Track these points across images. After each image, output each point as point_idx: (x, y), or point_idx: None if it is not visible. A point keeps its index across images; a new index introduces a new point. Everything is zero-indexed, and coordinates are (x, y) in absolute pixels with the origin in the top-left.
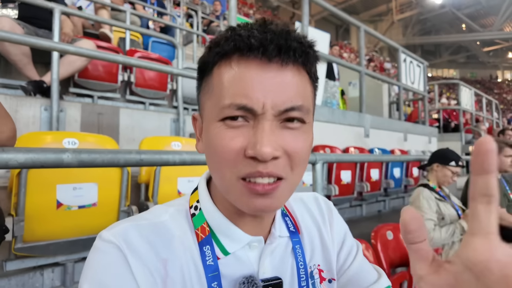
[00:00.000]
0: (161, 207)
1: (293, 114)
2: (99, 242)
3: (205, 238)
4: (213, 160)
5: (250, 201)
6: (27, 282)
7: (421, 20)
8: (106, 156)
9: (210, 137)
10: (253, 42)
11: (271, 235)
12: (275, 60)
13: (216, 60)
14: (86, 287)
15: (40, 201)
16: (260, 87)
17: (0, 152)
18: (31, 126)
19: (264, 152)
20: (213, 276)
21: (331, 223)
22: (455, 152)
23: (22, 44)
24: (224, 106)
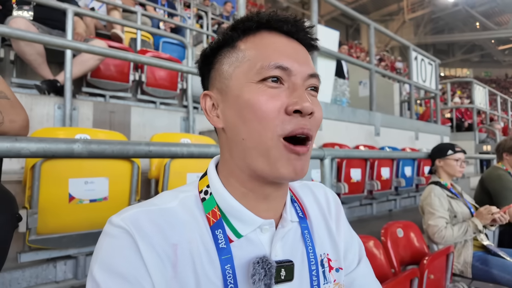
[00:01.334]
0: (170, 193)
1: (313, 81)
2: (109, 227)
3: (217, 222)
4: (250, 123)
5: (291, 163)
6: (41, 274)
7: (433, 19)
8: (115, 147)
9: (247, 98)
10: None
11: (283, 219)
12: (298, 36)
13: (242, 36)
14: (96, 270)
15: (53, 195)
16: (291, 53)
17: (13, 141)
18: (45, 124)
19: (307, 106)
20: (226, 259)
21: (338, 218)
22: (448, 142)
23: (37, 42)
24: (263, 66)
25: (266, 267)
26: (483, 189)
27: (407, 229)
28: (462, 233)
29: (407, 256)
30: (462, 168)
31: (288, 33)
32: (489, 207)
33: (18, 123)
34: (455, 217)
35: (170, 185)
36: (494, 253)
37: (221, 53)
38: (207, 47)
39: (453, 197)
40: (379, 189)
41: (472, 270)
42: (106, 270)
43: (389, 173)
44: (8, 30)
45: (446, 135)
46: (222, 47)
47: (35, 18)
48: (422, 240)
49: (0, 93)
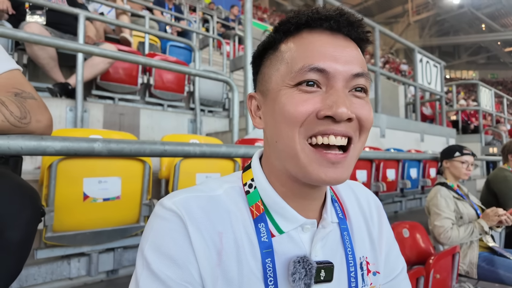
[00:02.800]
0: (215, 182)
1: (360, 82)
2: (160, 209)
3: (260, 215)
4: (280, 126)
5: (322, 169)
6: (56, 271)
7: (438, 21)
8: (133, 146)
9: (281, 102)
10: (325, 14)
11: (324, 220)
12: (342, 32)
13: (283, 38)
14: (147, 249)
15: (68, 193)
16: (331, 52)
17: (39, 140)
18: (57, 126)
19: (342, 112)
20: (267, 253)
21: (381, 222)
22: (458, 144)
23: (52, 46)
24: (297, 70)
25: (307, 267)
26: (489, 190)
27: (413, 229)
28: (468, 234)
29: (413, 256)
30: (469, 171)
31: (332, 29)
32: (495, 209)
33: (44, 123)
34: (461, 218)
35: (180, 185)
36: (500, 254)
37: (266, 56)
38: (256, 50)
39: (459, 199)
40: (385, 190)
41: (478, 270)
42: (156, 251)
43: (395, 174)
44: (26, 35)
45: (452, 137)
46: (267, 50)
47: (48, 23)
48: (428, 241)
49: (28, 93)
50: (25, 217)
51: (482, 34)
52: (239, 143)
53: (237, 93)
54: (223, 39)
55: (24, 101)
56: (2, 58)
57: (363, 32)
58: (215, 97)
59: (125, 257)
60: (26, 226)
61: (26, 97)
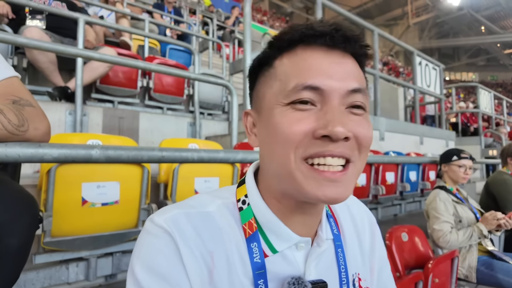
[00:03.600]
0: (207, 197)
1: (357, 98)
2: (151, 226)
3: (253, 234)
4: (274, 146)
5: (320, 188)
6: (54, 275)
7: (438, 23)
8: (131, 153)
9: (274, 121)
10: (320, 29)
11: (318, 238)
12: (339, 47)
13: (277, 54)
14: (138, 268)
15: (66, 198)
16: (326, 69)
17: (37, 147)
18: (56, 129)
19: (338, 131)
20: (260, 274)
21: (374, 238)
22: (456, 148)
23: (52, 51)
24: (290, 88)
25: None
26: (488, 194)
27: (412, 233)
28: (467, 238)
29: (412, 260)
30: (466, 175)
31: (327, 45)
32: (494, 213)
33: (42, 130)
34: (460, 222)
35: (178, 189)
36: (499, 258)
37: (261, 72)
38: (251, 65)
39: (458, 202)
40: (384, 193)
41: (477, 274)
42: (147, 269)
43: (394, 177)
44: (26, 40)
45: (451, 140)
46: (262, 65)
47: (48, 27)
48: (427, 245)
49: (26, 101)
50: (23, 224)
51: (482, 36)
52: (238, 147)
53: (236, 97)
54: (223, 42)
55: (22, 108)
56: (0, 66)
57: (360, 47)
58: (215, 100)
59: (123, 262)
60: (24, 232)
61: (24, 104)
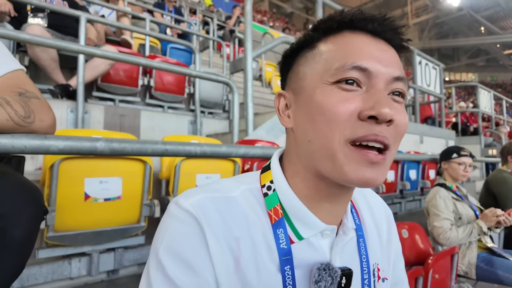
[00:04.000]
0: (231, 182)
1: (399, 86)
2: (176, 209)
3: (278, 220)
4: (317, 125)
5: (361, 169)
6: (57, 270)
7: (437, 24)
8: (135, 146)
9: (318, 100)
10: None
11: (344, 226)
12: (385, 36)
13: (322, 37)
14: (162, 251)
15: (69, 193)
16: (374, 53)
17: (43, 139)
18: (58, 127)
19: (386, 112)
20: (286, 260)
21: (390, 231)
22: (456, 146)
23: (54, 48)
24: (337, 67)
25: (333, 275)
26: (488, 192)
27: (412, 230)
28: (467, 234)
29: (412, 256)
30: (466, 172)
31: (374, 32)
32: (494, 209)
33: (47, 122)
34: (460, 219)
35: (180, 185)
36: (499, 255)
37: (301, 54)
38: (288, 48)
39: (458, 199)
40: (384, 192)
41: (477, 271)
42: (172, 255)
43: (394, 176)
44: (28, 36)
45: (451, 139)
46: (303, 48)
47: (49, 25)
48: (427, 242)
49: (32, 93)
50: (28, 215)
51: (481, 36)
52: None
53: (237, 95)
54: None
55: (28, 100)
56: (6, 59)
57: (404, 39)
58: (215, 99)
59: (125, 257)
60: (29, 224)
61: (30, 96)
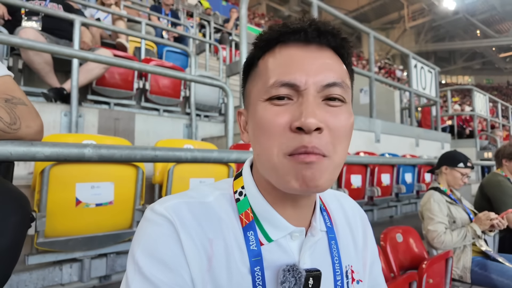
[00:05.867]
0: (206, 188)
1: (334, 91)
2: (151, 214)
3: (249, 223)
4: (260, 140)
5: (299, 172)
6: (47, 277)
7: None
8: (123, 152)
9: (257, 117)
10: (294, 27)
11: (313, 228)
12: (314, 42)
13: (261, 54)
14: (139, 254)
15: (60, 199)
16: (301, 65)
17: (29, 146)
18: (51, 131)
19: (309, 122)
20: (256, 261)
21: (366, 233)
22: (463, 153)
23: (46, 52)
24: (269, 85)
25: (296, 276)
26: (483, 195)
27: (406, 234)
28: (461, 238)
29: (407, 261)
30: (464, 182)
31: (304, 41)
32: (487, 213)
33: (34, 129)
34: (454, 222)
35: (173, 190)
36: (493, 258)
37: (249, 72)
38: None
39: (452, 203)
40: (380, 195)
41: (471, 275)
42: (148, 255)
43: (390, 179)
44: (19, 40)
45: (447, 142)
46: (250, 67)
47: (43, 28)
48: (421, 246)
49: (19, 99)
50: (13, 222)
51: (477, 40)
52: (234, 148)
53: (232, 99)
54: (220, 45)
55: (14, 107)
56: None
57: (334, 40)
58: (211, 102)
59: (117, 263)
60: (14, 232)
61: (16, 103)
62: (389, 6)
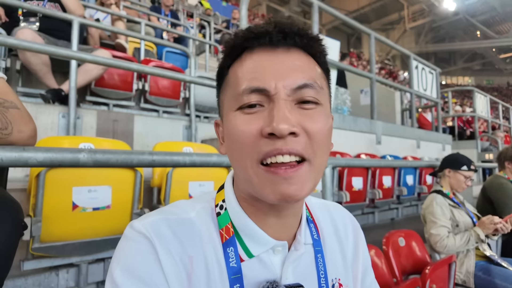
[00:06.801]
0: (188, 203)
1: (306, 93)
2: (130, 232)
3: (229, 239)
4: (234, 151)
5: (275, 187)
6: (43, 282)
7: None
8: (120, 157)
9: (229, 127)
10: (258, 31)
11: (296, 242)
12: (281, 45)
13: (230, 63)
14: (117, 272)
15: (57, 203)
16: (270, 70)
17: (21, 151)
18: (49, 132)
19: (281, 128)
20: (236, 278)
21: (357, 244)
22: (466, 156)
23: (44, 53)
24: (239, 93)
25: None
26: (485, 198)
27: (409, 238)
28: (464, 242)
29: (409, 265)
30: (467, 185)
31: (270, 45)
32: (491, 217)
33: (26, 133)
34: (457, 226)
35: (172, 193)
36: (497, 263)
37: (221, 82)
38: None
39: (455, 206)
40: (381, 197)
41: (475, 280)
42: (126, 273)
43: (391, 181)
44: (16, 41)
45: (448, 144)
46: (221, 76)
47: (41, 29)
48: (424, 249)
49: (11, 103)
50: (5, 231)
51: (477, 40)
52: None
53: None
54: (220, 45)
55: (6, 111)
56: None
57: (302, 41)
58: (211, 103)
59: None
60: (6, 240)
61: (8, 106)
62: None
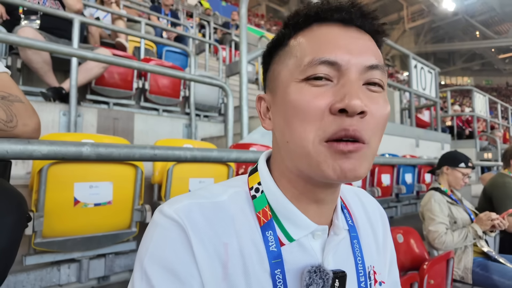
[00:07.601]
0: (219, 187)
1: (375, 75)
2: (160, 217)
3: (267, 222)
4: (293, 125)
5: (336, 163)
6: (45, 277)
7: (433, 28)
8: (122, 150)
9: (290, 99)
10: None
11: (335, 226)
12: (355, 23)
13: (293, 33)
14: (147, 261)
15: (58, 198)
16: (343, 43)
17: (26, 144)
18: (50, 130)
19: (355, 104)
20: (276, 263)
21: (386, 232)
22: (464, 153)
23: (45, 50)
24: (306, 63)
25: (324, 278)
26: (485, 195)
27: (407, 235)
28: (462, 238)
29: (407, 261)
30: (465, 182)
31: (344, 21)
32: (488, 213)
33: (31, 126)
34: (455, 223)
35: (172, 190)
36: (494, 259)
37: (276, 52)
38: (265, 49)
39: (453, 203)
40: (380, 195)
41: (473, 276)
42: (156, 264)
43: (390, 180)
44: (18, 39)
45: (447, 143)
46: (277, 47)
47: (42, 27)
48: (422, 246)
49: (15, 97)
50: (9, 222)
51: (477, 41)
52: (234, 148)
53: (232, 98)
54: (220, 45)
55: (10, 104)
56: None
57: (377, 24)
58: (211, 102)
59: (116, 263)
60: (11, 232)
61: (13, 100)
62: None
